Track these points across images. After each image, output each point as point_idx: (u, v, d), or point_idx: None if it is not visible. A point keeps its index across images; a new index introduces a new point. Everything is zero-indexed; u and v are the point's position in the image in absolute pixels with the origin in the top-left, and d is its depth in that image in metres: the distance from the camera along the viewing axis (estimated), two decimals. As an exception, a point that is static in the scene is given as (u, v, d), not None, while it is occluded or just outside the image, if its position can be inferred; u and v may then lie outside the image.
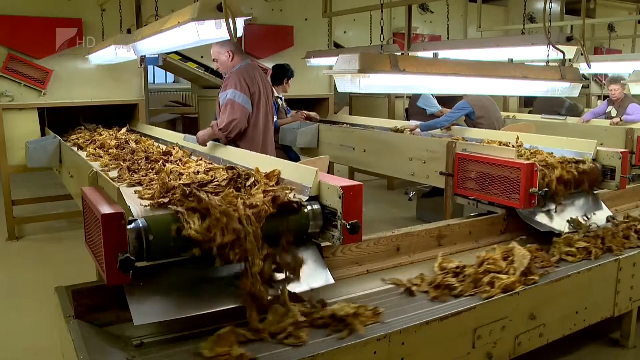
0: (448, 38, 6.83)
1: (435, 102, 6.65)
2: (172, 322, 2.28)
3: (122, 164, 3.66)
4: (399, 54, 5.06)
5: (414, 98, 7.00)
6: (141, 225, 2.14)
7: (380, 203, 7.19)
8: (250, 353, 2.12)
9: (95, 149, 4.56)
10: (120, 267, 2.02)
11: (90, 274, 3.03)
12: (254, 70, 4.23)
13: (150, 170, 3.30)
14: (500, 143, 4.53)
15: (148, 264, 2.23)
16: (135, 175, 3.23)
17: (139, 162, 3.63)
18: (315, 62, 6.58)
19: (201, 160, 3.63)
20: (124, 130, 5.45)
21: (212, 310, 2.27)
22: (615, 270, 3.30)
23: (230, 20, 2.52)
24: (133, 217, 2.20)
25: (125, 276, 2.07)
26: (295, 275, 2.42)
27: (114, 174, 3.42)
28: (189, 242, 2.17)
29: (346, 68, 2.58)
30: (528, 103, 10.14)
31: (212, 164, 3.43)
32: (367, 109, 8.24)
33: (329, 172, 6.67)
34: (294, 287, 2.45)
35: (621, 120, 6.45)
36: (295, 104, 6.86)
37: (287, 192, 2.49)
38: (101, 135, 5.27)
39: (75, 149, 4.89)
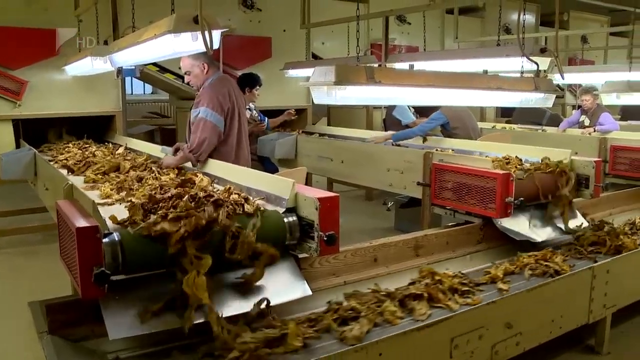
0: (425, 49, 6.88)
1: (410, 112, 6.69)
2: (147, 335, 2.25)
3: (134, 200, 2.51)
4: (376, 64, 5.11)
5: (390, 108, 7.04)
6: (116, 239, 2.13)
7: (359, 214, 7.19)
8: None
9: (95, 174, 3.76)
10: (95, 280, 2.00)
11: (65, 288, 2.99)
12: (228, 83, 4.18)
13: (173, 210, 2.32)
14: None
15: (124, 277, 2.20)
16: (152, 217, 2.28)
17: (156, 194, 2.55)
18: (293, 73, 6.60)
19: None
20: (121, 149, 4.92)
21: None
22: (590, 278, 3.34)
23: (206, 32, 2.52)
24: (108, 230, 2.18)
25: (100, 290, 2.05)
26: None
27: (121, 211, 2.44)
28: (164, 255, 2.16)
29: (322, 80, 2.59)
30: (506, 113, 10.25)
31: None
32: (345, 120, 8.27)
33: (306, 184, 6.70)
34: (273, 300, 2.44)
35: (595, 131, 6.55)
36: (274, 114, 6.87)
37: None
38: (94, 155, 4.64)
39: (65, 171, 4.17)
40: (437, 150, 4.89)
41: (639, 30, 11.52)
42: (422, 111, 6.78)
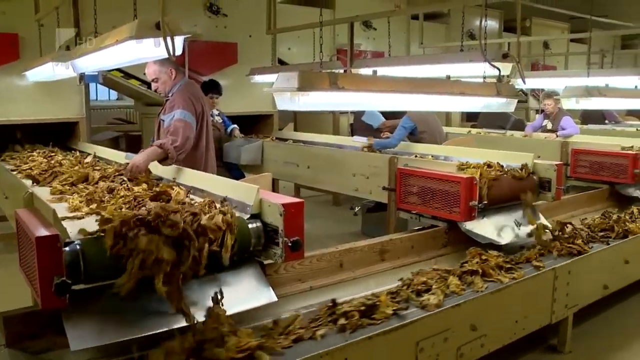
0: (389, 54, 6.93)
1: (380, 116, 6.73)
2: (111, 345, 2.21)
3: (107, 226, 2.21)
4: (341, 70, 5.13)
5: (358, 113, 7.06)
6: (78, 248, 2.09)
7: (326, 219, 7.20)
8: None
9: (62, 185, 3.46)
10: (55, 290, 1.97)
11: (26, 299, 2.93)
12: (196, 88, 4.19)
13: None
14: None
15: (85, 287, 2.17)
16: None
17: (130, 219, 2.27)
18: (259, 78, 6.58)
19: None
20: (89, 158, 4.60)
21: (153, 332, 2.22)
22: (552, 279, 3.40)
23: (169, 38, 2.50)
24: (69, 239, 2.15)
25: (60, 300, 2.02)
26: None
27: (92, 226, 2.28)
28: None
29: (285, 86, 2.59)
30: (471, 118, 10.38)
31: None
32: (312, 125, 8.27)
33: (273, 189, 6.70)
34: (237, 306, 2.43)
35: (557, 136, 6.68)
36: (239, 120, 6.84)
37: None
38: (60, 164, 4.35)
39: (30, 182, 3.93)
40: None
41: (596, 37, 11.87)
42: (389, 116, 6.83)
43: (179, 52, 2.58)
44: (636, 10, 10.64)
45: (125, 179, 3.40)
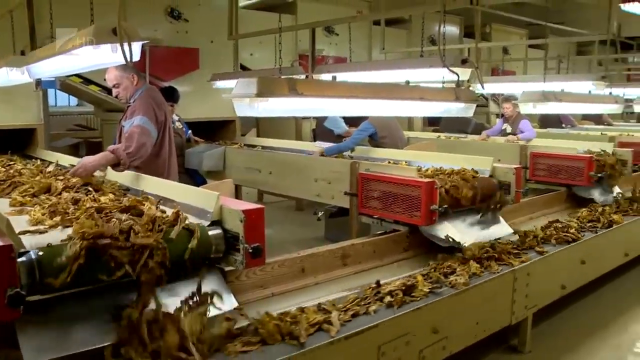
0: (350, 60, 6.98)
1: (342, 122, 6.76)
2: (68, 357, 2.16)
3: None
4: (303, 76, 5.13)
5: (321, 119, 7.09)
6: (33, 257, 2.05)
7: (289, 224, 7.20)
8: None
9: (23, 196, 3.20)
10: (8, 302, 1.92)
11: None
12: (158, 94, 4.15)
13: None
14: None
15: (41, 297, 2.12)
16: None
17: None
18: (220, 84, 6.54)
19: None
20: (52, 167, 4.28)
21: (111, 343, 2.17)
22: (511, 281, 3.45)
23: (126, 43, 2.47)
24: (25, 249, 2.10)
25: (14, 312, 1.96)
26: None
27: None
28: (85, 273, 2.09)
29: (244, 92, 2.58)
30: (433, 122, 10.51)
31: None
32: (275, 131, 8.27)
33: (236, 195, 6.67)
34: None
35: (519, 139, 6.80)
36: (201, 126, 6.80)
37: None
38: (20, 174, 3.96)
39: None
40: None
41: (553, 43, 12.15)
42: (351, 121, 6.87)
43: (136, 58, 2.55)
44: (591, 18, 10.89)
45: (90, 189, 3.28)
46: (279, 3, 8.49)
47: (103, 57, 2.67)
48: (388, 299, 2.80)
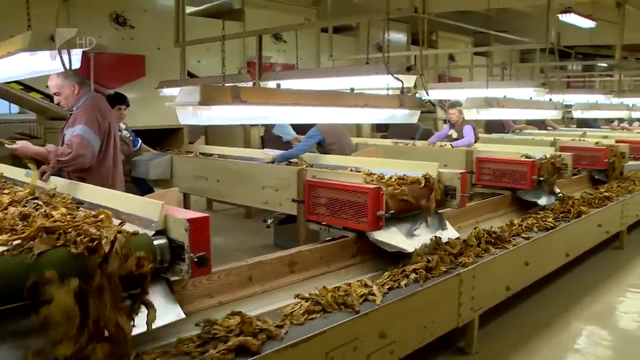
0: (297, 67, 7.00)
1: (291, 129, 6.77)
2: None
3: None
4: (250, 83, 5.12)
5: (269, 126, 7.08)
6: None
7: (238, 231, 7.16)
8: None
9: None
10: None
11: None
12: (103, 103, 4.07)
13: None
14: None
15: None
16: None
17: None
18: (167, 91, 6.45)
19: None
20: None
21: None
22: (457, 284, 3.51)
23: (65, 50, 2.42)
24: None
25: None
26: None
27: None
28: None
29: (187, 100, 2.56)
30: (382, 129, 10.62)
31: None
32: (223, 138, 8.21)
33: (184, 204, 6.59)
34: (144, 325, 2.36)
35: (452, 147, 6.94)
36: (148, 134, 6.70)
37: None
38: None
39: None
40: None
41: (497, 51, 12.45)
42: (301, 128, 6.89)
43: (76, 65, 2.50)
44: (532, 27, 11.22)
45: (40, 203, 3.15)
46: (227, 10, 8.45)
47: (40, 65, 2.62)
48: (413, 275, 3.32)
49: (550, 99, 6.01)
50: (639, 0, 8.60)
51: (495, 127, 9.72)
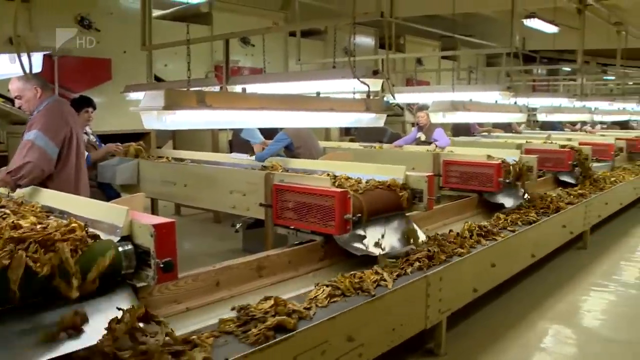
0: (265, 71, 6.99)
1: (258, 133, 6.75)
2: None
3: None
4: (217, 87, 5.10)
5: (237, 130, 7.05)
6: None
7: (207, 236, 7.11)
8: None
9: None
10: None
11: None
12: (64, 107, 3.99)
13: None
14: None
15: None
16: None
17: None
18: (134, 96, 6.39)
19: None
20: None
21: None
22: (424, 286, 3.52)
23: (24, 54, 2.38)
24: None
25: None
26: None
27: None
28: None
29: (151, 105, 2.53)
30: (351, 132, 10.67)
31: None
32: (191, 143, 8.17)
33: (152, 209, 6.53)
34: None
35: (436, 147, 7.00)
36: (115, 139, 6.61)
37: None
38: None
39: None
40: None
41: (464, 55, 12.59)
42: (268, 133, 6.88)
43: (37, 69, 2.47)
44: (498, 32, 11.41)
45: (7, 212, 2.91)
46: (194, 13, 8.42)
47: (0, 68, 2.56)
48: (417, 264, 3.63)
49: (515, 102, 6.10)
50: (598, 8, 8.82)
51: (461, 130, 9.84)
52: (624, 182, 8.02)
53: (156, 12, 7.46)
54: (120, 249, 2.42)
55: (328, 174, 4.14)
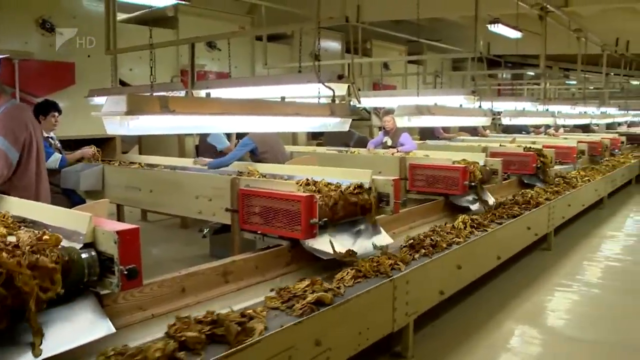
0: (230, 76, 6.97)
1: (225, 138, 6.72)
2: None
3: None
4: (182, 92, 5.05)
5: (203, 135, 7.01)
6: None
7: (174, 242, 7.05)
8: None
9: None
10: None
11: None
12: (23, 111, 3.91)
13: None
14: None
15: None
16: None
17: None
18: (98, 100, 6.27)
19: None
20: None
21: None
22: (391, 289, 3.55)
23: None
24: None
25: None
26: None
27: None
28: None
29: (114, 110, 2.50)
30: (318, 137, 10.68)
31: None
32: (158, 148, 8.09)
33: (118, 215, 6.44)
34: (73, 342, 2.30)
35: (398, 151, 7.05)
36: (79, 144, 6.51)
37: None
38: None
39: None
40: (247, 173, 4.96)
41: (431, 59, 12.72)
42: (235, 138, 6.86)
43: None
44: (464, 37, 11.54)
45: None
46: (160, 17, 8.34)
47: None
48: (422, 251, 4.09)
49: (480, 106, 6.18)
50: (559, 15, 9.00)
51: (427, 134, 9.93)
52: (586, 185, 8.20)
53: (121, 16, 7.35)
54: (83, 256, 2.38)
55: (308, 180, 4.11)
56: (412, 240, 4.27)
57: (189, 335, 2.49)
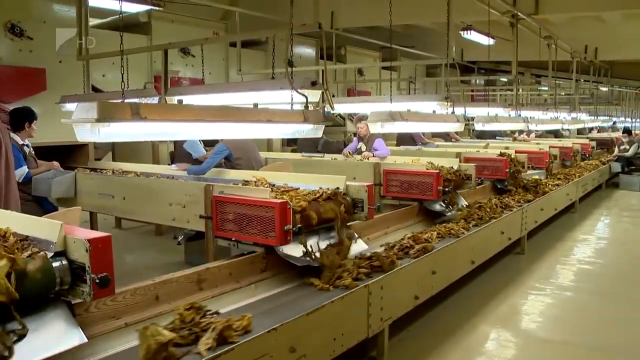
0: (204, 82, 6.94)
1: (201, 146, 6.68)
2: None
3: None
4: (155, 98, 5.02)
5: (179, 142, 6.96)
6: None
7: (149, 249, 6.98)
8: None
9: None
10: None
11: None
12: None
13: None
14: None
15: None
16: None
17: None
18: (70, 106, 6.21)
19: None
20: None
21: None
22: (366, 295, 3.55)
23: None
24: None
25: None
26: None
27: None
28: None
29: (84, 117, 2.48)
30: (293, 142, 10.67)
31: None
32: (132, 154, 8.01)
33: (91, 223, 6.36)
34: (44, 352, 2.27)
35: (373, 156, 7.07)
36: (51, 151, 6.43)
37: None
38: None
39: None
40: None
41: (405, 65, 12.79)
42: (211, 145, 6.82)
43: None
44: (438, 43, 11.66)
45: None
46: (133, 23, 8.28)
47: None
48: (412, 251, 4.32)
49: (453, 112, 6.23)
50: (530, 22, 9.15)
51: (405, 140, 9.98)
52: (557, 189, 8.31)
53: (93, 21, 7.28)
54: (53, 264, 2.35)
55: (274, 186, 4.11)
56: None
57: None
